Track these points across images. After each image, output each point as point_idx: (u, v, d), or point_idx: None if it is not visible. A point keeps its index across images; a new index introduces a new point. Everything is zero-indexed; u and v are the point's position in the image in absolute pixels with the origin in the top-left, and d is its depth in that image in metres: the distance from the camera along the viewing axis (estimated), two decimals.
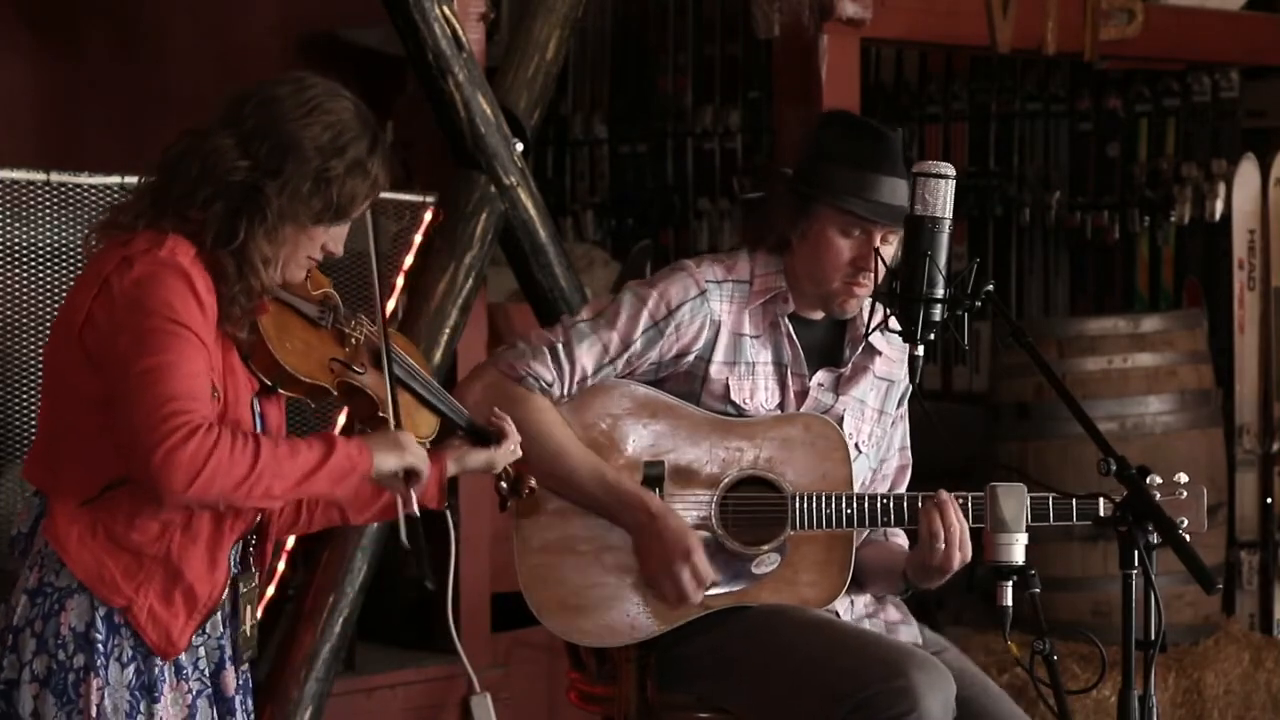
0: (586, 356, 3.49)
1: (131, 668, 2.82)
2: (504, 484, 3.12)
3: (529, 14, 5.15)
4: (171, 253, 2.78)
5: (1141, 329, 5.77)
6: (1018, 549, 3.10)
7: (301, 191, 2.82)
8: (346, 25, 6.43)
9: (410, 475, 2.91)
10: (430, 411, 3.05)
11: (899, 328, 3.09)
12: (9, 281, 4.23)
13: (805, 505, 3.47)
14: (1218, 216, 6.72)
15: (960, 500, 3.45)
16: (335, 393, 2.95)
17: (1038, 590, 3.01)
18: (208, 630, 2.92)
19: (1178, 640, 5.63)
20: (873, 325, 3.40)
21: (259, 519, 2.98)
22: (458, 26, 4.79)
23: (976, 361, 7.27)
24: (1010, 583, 3.06)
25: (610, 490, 3.47)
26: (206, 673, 2.93)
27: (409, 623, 5.28)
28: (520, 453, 3.12)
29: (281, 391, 2.94)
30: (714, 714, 3.57)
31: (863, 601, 3.61)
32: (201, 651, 2.92)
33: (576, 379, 3.49)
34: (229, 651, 2.96)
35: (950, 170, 3.06)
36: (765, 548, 3.49)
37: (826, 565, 3.50)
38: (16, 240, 4.22)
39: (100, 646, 2.79)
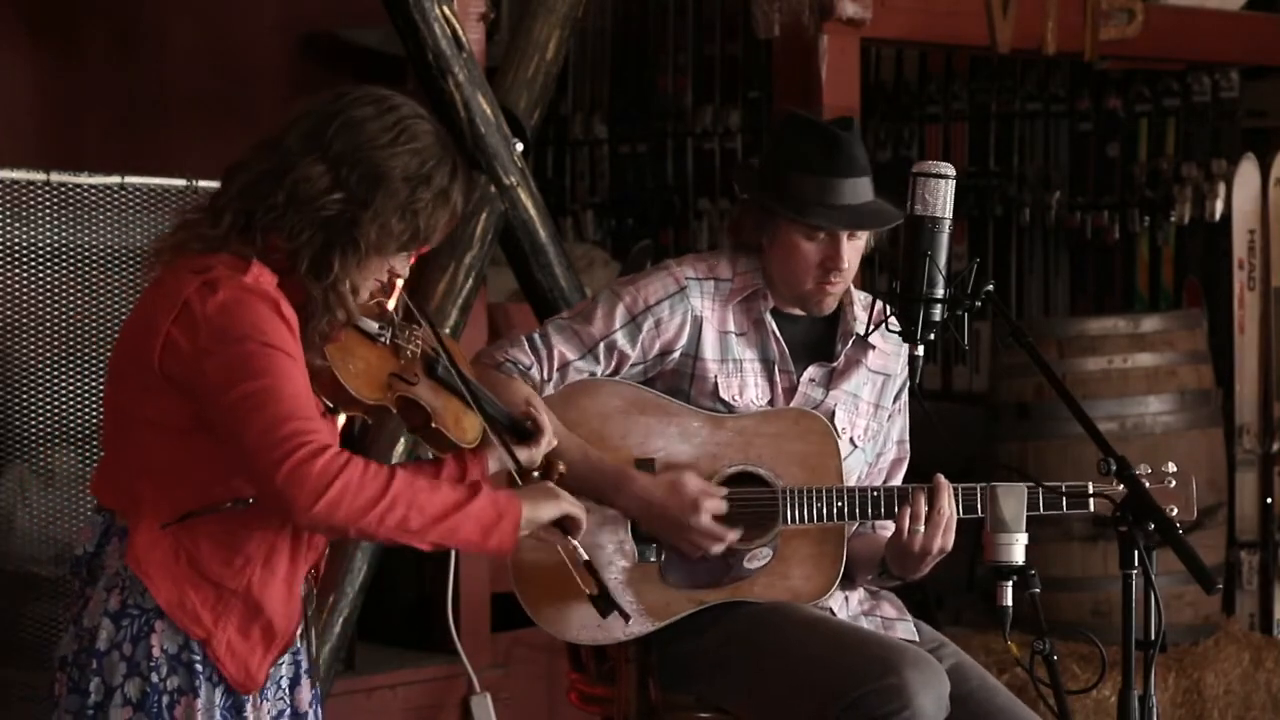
0: (564, 345, 3.50)
1: (221, 688, 2.79)
2: (535, 473, 3.10)
3: (529, 14, 5.16)
4: (257, 280, 2.73)
5: (1141, 329, 5.77)
6: (1018, 549, 3.10)
7: (390, 224, 2.78)
8: (346, 25, 6.43)
9: (567, 525, 2.90)
10: (476, 414, 3.04)
11: (898, 327, 3.09)
12: (9, 281, 4.23)
13: (796, 499, 3.47)
14: (1218, 216, 6.72)
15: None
16: (395, 410, 2.92)
17: (1038, 590, 3.02)
18: None
19: (1178, 640, 5.64)
20: (872, 325, 3.40)
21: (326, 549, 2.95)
22: (458, 26, 4.79)
23: (976, 361, 7.27)
24: (1010, 583, 3.06)
25: (595, 469, 3.45)
26: (287, 689, 2.90)
27: (409, 623, 5.28)
28: (555, 442, 3.12)
29: (342, 412, 2.92)
30: (714, 714, 3.57)
31: (858, 598, 3.62)
32: (283, 670, 2.89)
33: (556, 364, 3.49)
34: (305, 665, 2.92)
35: (950, 170, 3.06)
36: (757, 543, 3.50)
37: (819, 559, 3.51)
38: (16, 240, 4.21)
39: (199, 667, 2.76)
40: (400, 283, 2.93)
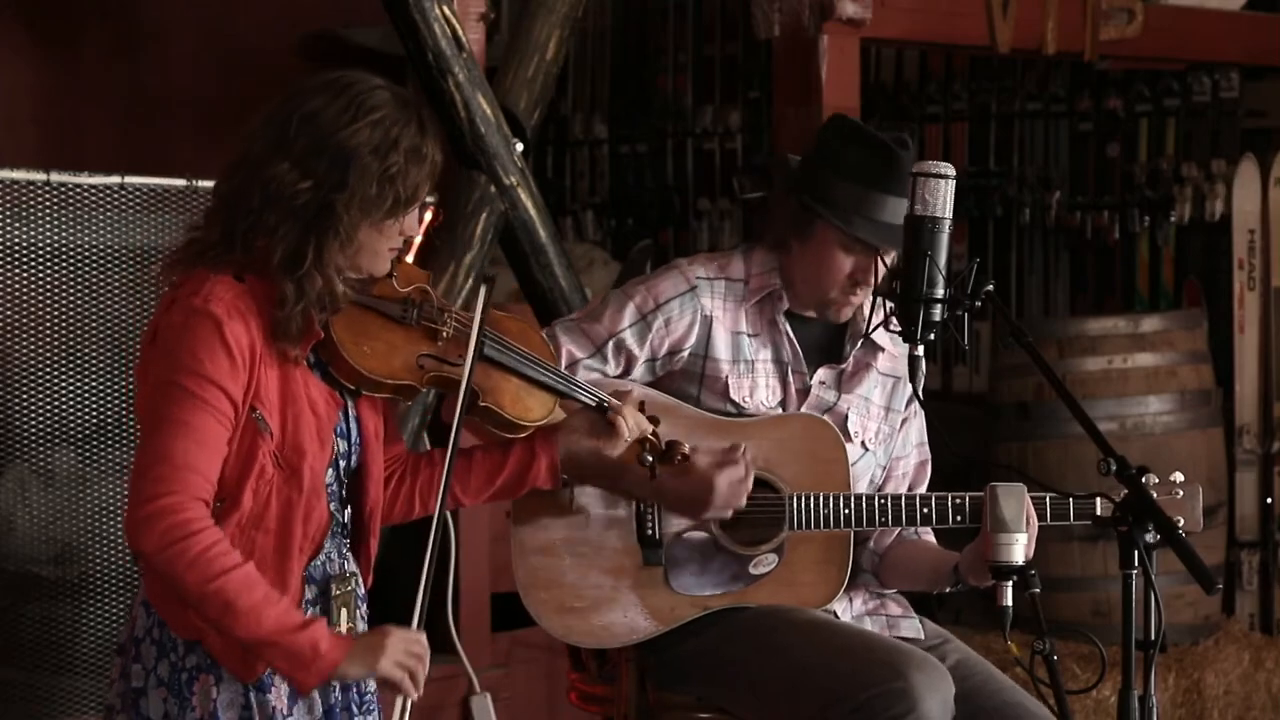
0: (572, 344, 3.49)
1: None
2: (649, 456, 3.17)
3: (529, 14, 5.16)
4: (205, 300, 2.77)
5: (1141, 329, 5.77)
6: (1018, 549, 3.11)
7: (370, 196, 2.81)
8: (346, 25, 6.43)
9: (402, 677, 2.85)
10: (546, 392, 3.08)
11: (900, 328, 3.08)
12: (9, 281, 4.23)
13: (803, 505, 3.46)
14: (1218, 216, 6.73)
15: (958, 500, 3.45)
16: (423, 389, 2.95)
17: (1038, 590, 3.02)
18: None
19: (1178, 640, 5.64)
20: (873, 325, 3.40)
21: (365, 524, 2.98)
22: (458, 26, 4.79)
23: (976, 361, 7.27)
24: (1010, 583, 3.06)
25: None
26: None
27: (408, 623, 5.26)
28: (646, 427, 3.16)
29: (366, 394, 2.93)
30: (714, 714, 3.57)
31: (861, 599, 3.61)
32: None
33: (564, 363, 3.46)
34: None
35: (950, 170, 3.06)
36: (763, 548, 3.49)
37: (825, 565, 3.50)
38: (16, 240, 4.22)
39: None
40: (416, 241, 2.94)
